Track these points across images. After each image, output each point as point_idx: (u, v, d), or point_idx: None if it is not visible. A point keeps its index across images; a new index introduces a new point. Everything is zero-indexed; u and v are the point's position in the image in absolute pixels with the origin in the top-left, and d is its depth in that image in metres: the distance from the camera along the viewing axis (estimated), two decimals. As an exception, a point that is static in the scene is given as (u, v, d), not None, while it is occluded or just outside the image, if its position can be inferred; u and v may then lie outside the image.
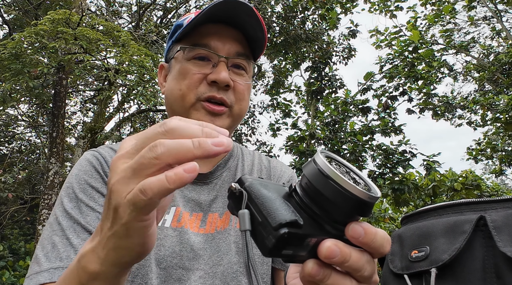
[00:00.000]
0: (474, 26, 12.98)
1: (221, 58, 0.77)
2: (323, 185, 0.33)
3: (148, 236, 0.38)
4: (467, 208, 0.73)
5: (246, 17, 0.77)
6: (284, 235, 0.32)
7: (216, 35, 0.79)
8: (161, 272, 0.70)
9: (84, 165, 0.78)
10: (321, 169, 0.34)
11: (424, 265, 0.71)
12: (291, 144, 9.78)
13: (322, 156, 0.35)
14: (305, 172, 0.36)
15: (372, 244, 0.34)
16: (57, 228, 0.68)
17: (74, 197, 0.72)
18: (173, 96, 0.80)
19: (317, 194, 0.34)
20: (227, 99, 0.78)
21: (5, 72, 5.06)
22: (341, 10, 10.62)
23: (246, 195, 0.35)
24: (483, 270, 0.65)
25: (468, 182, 8.47)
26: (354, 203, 0.33)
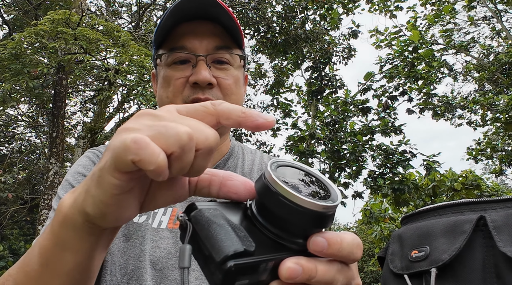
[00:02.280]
0: (474, 26, 12.99)
1: (199, 57, 0.76)
2: (275, 204, 0.31)
3: (113, 196, 0.31)
4: (467, 208, 0.73)
5: (214, 9, 0.75)
6: (230, 268, 0.29)
7: (192, 33, 0.77)
8: (157, 273, 0.69)
9: (83, 160, 0.80)
10: (270, 185, 0.31)
11: (424, 265, 0.72)
12: (291, 144, 9.78)
13: (271, 169, 0.32)
14: (256, 188, 0.34)
15: (340, 253, 0.32)
16: (52, 214, 0.69)
17: (69, 187, 0.73)
18: (162, 103, 0.80)
19: (270, 213, 0.32)
20: (212, 98, 0.76)
21: (5, 72, 5.06)
22: (343, 11, 10.62)
23: (190, 227, 0.32)
24: (483, 270, 0.65)
25: (468, 182, 8.47)
26: (308, 217, 0.31)
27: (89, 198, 0.33)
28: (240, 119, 0.33)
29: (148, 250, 0.70)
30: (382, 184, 8.93)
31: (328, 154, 9.46)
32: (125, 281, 0.68)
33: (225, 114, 0.33)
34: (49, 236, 0.37)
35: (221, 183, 0.36)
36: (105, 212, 0.32)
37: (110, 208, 0.32)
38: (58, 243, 0.36)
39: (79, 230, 0.35)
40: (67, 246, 0.36)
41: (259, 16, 9.00)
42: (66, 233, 0.36)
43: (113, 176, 0.30)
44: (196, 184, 0.37)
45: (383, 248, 0.88)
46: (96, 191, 0.32)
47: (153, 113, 0.32)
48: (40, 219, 5.91)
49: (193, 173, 0.32)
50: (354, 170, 9.48)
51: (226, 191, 0.36)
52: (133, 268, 0.68)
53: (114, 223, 0.34)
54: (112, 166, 0.29)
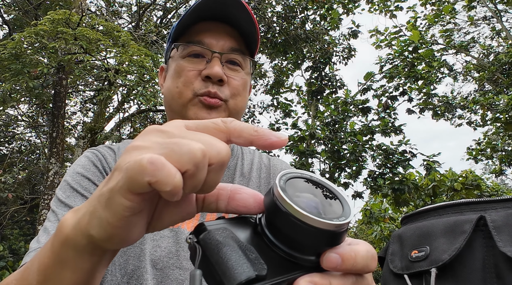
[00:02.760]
0: (474, 26, 12.99)
1: (214, 54, 0.78)
2: (282, 221, 0.30)
3: (122, 219, 0.30)
4: (467, 208, 0.73)
5: (237, 12, 0.78)
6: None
7: (210, 31, 0.80)
8: (157, 273, 0.69)
9: (82, 160, 0.80)
10: (280, 204, 0.30)
11: (424, 265, 0.71)
12: (291, 144, 9.78)
13: (280, 185, 0.31)
14: (265, 204, 0.33)
15: (355, 268, 0.32)
16: (51, 215, 0.71)
17: (68, 188, 0.74)
18: (170, 94, 0.81)
19: (279, 230, 0.31)
20: (221, 94, 0.78)
21: (5, 72, 5.06)
22: (343, 11, 10.63)
23: (200, 252, 0.31)
24: (483, 270, 0.65)
25: (468, 182, 8.47)
26: (321, 237, 0.30)
27: (95, 220, 0.32)
28: (252, 138, 0.33)
29: (148, 250, 0.70)
30: (382, 184, 8.93)
31: (328, 154, 9.46)
32: (125, 280, 0.68)
33: (236, 132, 0.33)
34: (49, 254, 0.37)
35: (230, 197, 0.36)
36: (111, 234, 0.31)
37: (118, 230, 0.31)
38: (58, 262, 0.36)
39: (81, 251, 0.34)
40: (67, 265, 0.35)
41: (259, 16, 8.99)
42: (67, 253, 0.35)
43: (125, 197, 0.29)
44: (203, 200, 0.36)
45: (383, 248, 0.88)
46: (104, 213, 0.31)
47: (162, 130, 0.32)
48: (40, 219, 5.91)
49: (206, 190, 0.31)
50: (354, 170, 9.48)
51: (235, 205, 0.35)
52: (133, 267, 0.68)
53: (119, 245, 0.33)
54: (125, 187, 0.28)
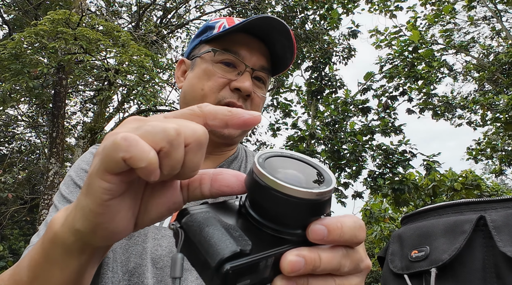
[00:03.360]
0: (474, 26, 12.99)
1: (247, 68, 0.80)
2: (267, 198, 0.30)
3: (104, 206, 0.30)
4: (467, 208, 0.73)
5: (278, 36, 0.81)
6: (227, 272, 0.27)
7: (246, 45, 0.82)
8: (158, 271, 0.70)
9: (87, 157, 0.81)
10: (259, 179, 0.30)
11: (424, 265, 0.71)
12: (291, 144, 9.78)
13: (258, 163, 0.31)
14: (247, 185, 0.33)
15: (342, 238, 0.31)
16: (52, 210, 0.72)
17: (71, 183, 0.76)
18: (193, 93, 0.82)
19: (264, 208, 0.31)
20: (245, 108, 0.79)
21: (5, 72, 5.06)
22: (342, 10, 10.62)
23: (182, 235, 0.31)
24: (483, 270, 0.65)
25: (468, 182, 8.47)
26: (304, 207, 0.29)
27: (78, 212, 0.32)
28: (226, 118, 0.34)
29: (150, 248, 0.71)
30: (382, 184, 8.93)
31: (328, 154, 9.46)
32: (127, 278, 0.68)
33: (211, 114, 0.34)
34: (39, 251, 0.37)
35: (212, 179, 0.35)
36: (95, 223, 0.31)
37: (100, 218, 0.31)
38: (48, 259, 0.36)
39: (70, 248, 0.34)
40: (56, 262, 0.35)
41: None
42: (55, 250, 0.35)
43: (102, 178, 0.29)
44: (188, 187, 0.36)
45: (383, 248, 0.88)
46: (86, 200, 0.30)
47: (139, 118, 0.32)
48: (40, 219, 5.91)
49: (187, 172, 0.31)
50: (354, 170, 9.48)
51: (218, 186, 0.35)
52: (135, 265, 0.69)
53: (106, 239, 0.33)
54: (102, 167, 0.28)
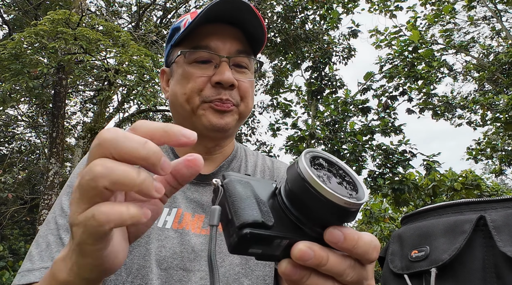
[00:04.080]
0: (474, 26, 12.99)
1: (222, 59, 0.77)
2: (301, 190, 0.33)
3: (103, 257, 0.35)
4: (467, 207, 0.73)
5: (245, 15, 0.77)
6: (246, 235, 0.32)
7: (216, 35, 0.78)
8: (162, 273, 0.69)
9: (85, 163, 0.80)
10: (300, 172, 0.33)
11: (424, 265, 0.71)
12: (291, 143, 9.77)
13: (305, 158, 0.34)
14: (287, 174, 0.36)
15: (354, 250, 0.33)
16: (53, 226, 0.69)
17: None
18: (178, 100, 0.80)
19: (296, 197, 0.34)
20: (232, 100, 0.78)
21: (5, 73, 5.06)
22: (342, 10, 10.62)
23: (221, 191, 0.36)
24: (483, 269, 0.65)
25: (468, 181, 8.47)
26: (332, 210, 0.32)
27: (80, 267, 0.36)
28: (163, 140, 0.34)
29: (154, 249, 0.70)
30: (382, 184, 8.93)
31: (328, 153, 9.45)
32: (130, 280, 0.68)
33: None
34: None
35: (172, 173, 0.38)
36: (102, 270, 0.36)
37: (106, 265, 0.36)
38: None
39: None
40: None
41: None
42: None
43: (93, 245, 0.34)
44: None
45: (383, 248, 0.88)
46: (85, 260, 0.35)
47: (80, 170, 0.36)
48: (40, 219, 5.91)
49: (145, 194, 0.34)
50: (354, 170, 9.47)
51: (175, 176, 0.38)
52: (138, 267, 0.69)
53: (114, 271, 0.38)
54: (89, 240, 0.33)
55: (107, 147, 0.32)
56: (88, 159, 0.33)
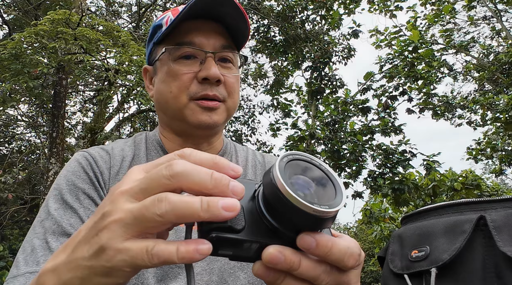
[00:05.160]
0: (474, 26, 12.98)
1: (208, 54, 0.76)
2: (273, 197, 0.33)
3: (130, 277, 0.35)
4: (467, 207, 0.73)
5: (226, 9, 0.76)
6: (212, 238, 0.33)
7: (199, 30, 0.77)
8: (158, 271, 0.69)
9: (73, 166, 0.76)
10: (273, 178, 0.33)
11: (424, 264, 0.71)
12: (291, 143, 9.77)
13: (279, 163, 0.34)
14: (263, 178, 0.36)
15: (328, 257, 0.34)
16: (39, 230, 0.67)
17: (59, 198, 0.71)
18: (164, 98, 0.79)
19: (269, 203, 0.34)
20: (219, 95, 0.77)
21: (5, 72, 5.06)
22: (344, 11, 10.62)
23: None
24: (483, 269, 0.65)
25: (468, 181, 8.47)
26: (303, 217, 0.32)
27: (88, 284, 0.34)
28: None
29: None
30: (382, 184, 8.92)
31: (328, 153, 9.45)
32: None
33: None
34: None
35: None
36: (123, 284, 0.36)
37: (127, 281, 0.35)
38: None
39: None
40: None
41: (259, 16, 8.99)
42: None
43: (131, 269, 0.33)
44: None
45: (383, 248, 0.88)
46: (106, 280, 0.34)
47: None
48: (40, 219, 5.90)
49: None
50: (354, 169, 9.48)
51: None
52: None
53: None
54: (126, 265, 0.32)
55: (179, 180, 0.32)
56: (148, 186, 0.33)
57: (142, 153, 0.83)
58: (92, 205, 0.72)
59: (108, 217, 0.33)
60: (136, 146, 0.85)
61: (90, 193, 0.73)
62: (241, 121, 11.86)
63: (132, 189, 0.33)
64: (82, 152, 0.80)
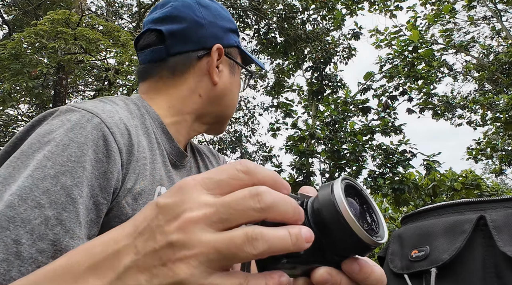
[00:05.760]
0: (474, 25, 12.99)
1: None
2: (332, 218, 0.33)
3: None
4: (467, 207, 0.73)
5: None
6: (284, 263, 0.33)
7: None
8: None
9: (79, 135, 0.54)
10: (335, 201, 0.33)
11: (424, 264, 0.71)
12: (291, 143, 9.77)
13: (341, 186, 0.34)
14: (320, 195, 0.35)
15: (365, 282, 0.36)
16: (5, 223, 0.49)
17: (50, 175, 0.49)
18: (232, 102, 0.85)
19: (324, 223, 0.34)
20: None
21: (5, 72, 5.06)
22: (346, 11, 10.63)
23: None
24: (483, 269, 0.65)
25: (468, 181, 8.47)
26: (356, 244, 0.33)
27: None
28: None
29: None
30: (382, 184, 8.92)
31: (328, 153, 9.46)
32: None
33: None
34: None
35: None
36: None
37: None
38: None
39: None
40: None
41: (259, 16, 8.99)
42: None
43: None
44: None
45: (383, 248, 0.88)
46: None
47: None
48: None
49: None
50: (354, 169, 9.48)
51: None
52: None
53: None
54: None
55: (269, 213, 0.30)
56: (230, 217, 0.30)
57: (154, 142, 0.69)
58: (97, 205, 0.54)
59: (183, 249, 0.29)
60: (146, 130, 0.69)
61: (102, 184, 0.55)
62: (241, 122, 11.87)
63: (209, 218, 0.30)
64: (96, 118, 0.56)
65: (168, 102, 0.77)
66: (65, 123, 0.54)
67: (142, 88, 0.80)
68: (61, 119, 0.55)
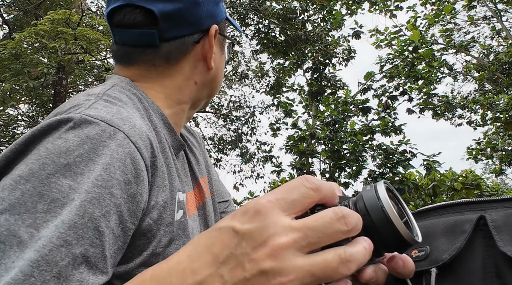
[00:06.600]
0: (474, 25, 12.98)
1: None
2: (378, 217, 0.36)
3: None
4: (467, 207, 0.73)
5: None
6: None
7: None
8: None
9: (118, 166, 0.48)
10: (383, 204, 0.36)
11: (424, 264, 0.72)
12: (291, 143, 9.77)
13: (384, 189, 0.37)
14: (365, 198, 0.38)
15: (405, 274, 0.41)
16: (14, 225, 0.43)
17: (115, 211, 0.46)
18: (220, 81, 0.78)
19: (370, 223, 0.36)
20: None
21: (5, 72, 5.06)
22: (346, 11, 10.64)
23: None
24: (483, 269, 0.65)
25: (468, 181, 8.47)
26: (398, 241, 0.37)
27: None
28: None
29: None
30: (382, 184, 8.91)
31: (328, 153, 9.46)
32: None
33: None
34: None
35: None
36: None
37: None
38: None
39: None
40: None
41: (259, 16, 8.99)
42: None
43: None
44: None
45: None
46: None
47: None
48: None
49: None
50: (354, 169, 9.48)
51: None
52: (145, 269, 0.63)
53: None
54: None
55: (353, 233, 0.33)
56: (319, 240, 0.31)
57: (164, 142, 0.63)
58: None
59: (277, 276, 0.29)
60: (155, 128, 0.62)
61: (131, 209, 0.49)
62: (242, 121, 11.85)
63: (298, 243, 0.30)
64: (120, 134, 0.50)
65: (163, 92, 0.69)
66: (84, 141, 0.46)
67: (129, 74, 0.68)
68: (78, 135, 0.47)
